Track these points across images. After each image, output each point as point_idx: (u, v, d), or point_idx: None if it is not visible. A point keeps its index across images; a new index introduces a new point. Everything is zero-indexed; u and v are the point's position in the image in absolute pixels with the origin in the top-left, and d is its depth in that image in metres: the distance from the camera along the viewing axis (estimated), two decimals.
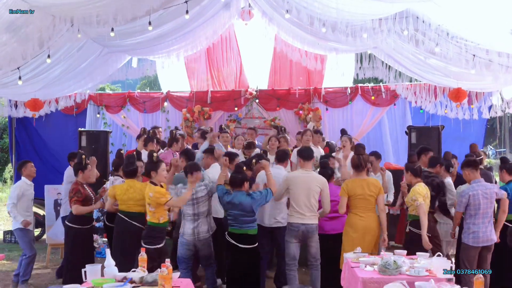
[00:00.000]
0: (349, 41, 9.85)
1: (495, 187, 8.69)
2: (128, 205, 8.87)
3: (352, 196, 8.57)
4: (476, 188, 8.43)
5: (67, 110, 15.70)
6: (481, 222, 8.39)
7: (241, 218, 8.04)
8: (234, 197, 8.06)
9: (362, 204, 8.58)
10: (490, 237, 8.45)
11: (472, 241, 8.43)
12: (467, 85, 11.85)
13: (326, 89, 15.59)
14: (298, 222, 8.44)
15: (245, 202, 8.01)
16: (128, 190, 8.87)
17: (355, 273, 6.69)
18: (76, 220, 9.24)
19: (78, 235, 9.26)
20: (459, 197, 8.64)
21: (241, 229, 8.06)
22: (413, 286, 5.58)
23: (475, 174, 8.57)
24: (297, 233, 8.47)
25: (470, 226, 8.45)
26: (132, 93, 16.39)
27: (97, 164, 13.16)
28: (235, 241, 8.03)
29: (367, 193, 8.57)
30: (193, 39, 12.96)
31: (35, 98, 12.10)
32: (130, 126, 16.03)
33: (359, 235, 8.47)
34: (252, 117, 15.71)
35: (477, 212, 8.38)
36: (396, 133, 15.38)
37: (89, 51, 11.33)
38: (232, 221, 8.12)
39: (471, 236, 8.43)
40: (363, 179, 8.69)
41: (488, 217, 8.46)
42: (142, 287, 5.69)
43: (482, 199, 8.36)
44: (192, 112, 15.49)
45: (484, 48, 9.16)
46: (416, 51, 10.40)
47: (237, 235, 8.06)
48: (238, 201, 8.02)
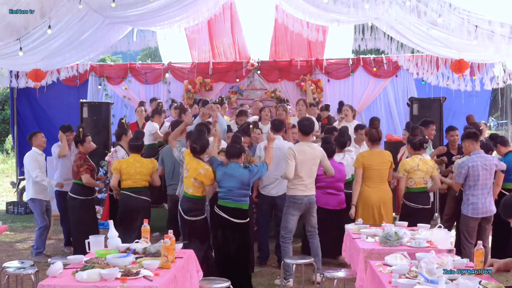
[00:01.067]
0: (350, 12, 9.79)
1: (494, 159, 8.73)
2: (134, 180, 8.93)
3: (367, 167, 8.73)
4: (475, 160, 8.46)
5: (69, 81, 15.69)
6: (480, 194, 8.43)
7: (238, 191, 7.70)
8: (230, 169, 7.75)
9: (377, 176, 8.78)
10: (489, 208, 8.49)
11: (471, 212, 8.48)
12: (469, 56, 11.82)
13: (328, 61, 15.57)
14: (301, 195, 8.34)
15: (242, 174, 7.71)
16: (135, 164, 8.93)
17: (356, 244, 6.74)
18: (81, 191, 9.38)
19: (83, 207, 9.41)
20: (459, 168, 8.66)
21: (236, 202, 7.71)
22: (414, 257, 5.61)
23: (474, 145, 8.58)
24: (300, 206, 8.37)
25: (469, 198, 8.50)
26: (134, 64, 16.39)
27: (99, 135, 13.30)
28: (227, 215, 7.71)
29: (383, 166, 8.79)
30: (195, 10, 12.88)
31: (36, 68, 12.08)
32: (131, 98, 16.01)
33: (375, 209, 8.66)
34: (253, 89, 15.71)
35: (476, 183, 8.41)
36: (398, 104, 15.36)
37: (90, 22, 11.29)
38: (224, 194, 7.73)
39: (470, 208, 8.48)
40: (378, 151, 8.88)
41: (488, 189, 8.51)
42: (145, 257, 5.74)
43: (481, 171, 8.39)
44: (193, 84, 15.47)
45: (486, 19, 9.12)
46: (418, 22, 10.35)
47: (230, 209, 7.70)
48: (234, 173, 7.71)
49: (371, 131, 9.02)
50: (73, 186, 9.52)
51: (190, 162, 7.82)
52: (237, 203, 7.71)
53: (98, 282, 4.95)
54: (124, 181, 8.98)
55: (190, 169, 7.77)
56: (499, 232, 9.04)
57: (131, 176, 8.92)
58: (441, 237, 6.47)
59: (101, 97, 16.04)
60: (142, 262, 5.42)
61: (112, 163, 9.38)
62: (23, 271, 6.93)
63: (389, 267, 5.43)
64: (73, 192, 9.46)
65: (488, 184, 8.52)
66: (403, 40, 12.59)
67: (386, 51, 13.92)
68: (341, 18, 11.77)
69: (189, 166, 7.80)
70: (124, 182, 8.98)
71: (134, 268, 5.23)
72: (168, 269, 5.41)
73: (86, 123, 13.88)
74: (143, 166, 8.95)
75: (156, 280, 5.04)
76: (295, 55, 15.84)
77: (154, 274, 5.15)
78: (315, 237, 8.65)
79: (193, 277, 6.21)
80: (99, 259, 5.53)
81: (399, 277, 5.01)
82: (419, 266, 5.10)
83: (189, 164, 7.82)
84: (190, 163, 7.80)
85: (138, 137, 9.48)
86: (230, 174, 7.71)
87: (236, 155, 7.85)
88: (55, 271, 5.15)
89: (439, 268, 5.01)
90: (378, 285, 5.28)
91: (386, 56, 15.01)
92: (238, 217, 7.72)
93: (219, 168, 7.78)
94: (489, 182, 8.54)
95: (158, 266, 5.39)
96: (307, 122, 8.63)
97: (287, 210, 8.45)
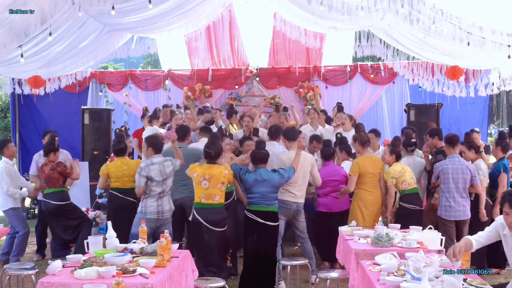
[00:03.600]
0: (345, 20, 9.93)
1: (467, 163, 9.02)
2: (122, 182, 9.10)
3: (363, 173, 8.91)
4: (447, 163, 8.87)
5: (70, 88, 15.75)
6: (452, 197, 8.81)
7: (270, 194, 7.91)
8: (260, 174, 7.90)
9: (371, 180, 8.97)
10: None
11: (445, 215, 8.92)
12: (463, 63, 11.95)
13: (326, 67, 15.70)
14: (291, 201, 8.55)
15: (273, 178, 7.91)
16: (122, 167, 9.09)
17: (348, 246, 6.90)
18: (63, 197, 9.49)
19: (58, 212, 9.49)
20: (434, 168, 9.07)
21: (269, 206, 7.91)
22: (404, 257, 5.75)
23: (450, 150, 8.98)
24: (288, 211, 8.57)
25: (443, 199, 8.93)
26: (134, 71, 16.51)
27: (100, 141, 13.44)
28: (262, 219, 7.87)
29: (376, 170, 9.00)
30: (193, 17, 12.99)
31: (36, 75, 12.19)
32: (132, 104, 16.16)
33: (370, 211, 8.85)
34: (252, 95, 15.83)
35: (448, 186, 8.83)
36: (395, 111, 15.52)
37: (90, 29, 11.40)
38: (257, 199, 7.90)
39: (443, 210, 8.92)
40: (370, 156, 9.14)
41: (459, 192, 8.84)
42: (142, 256, 5.89)
43: (452, 174, 8.79)
44: (193, 90, 15.62)
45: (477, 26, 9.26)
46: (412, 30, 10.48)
47: (264, 212, 7.90)
48: (266, 178, 7.88)
49: (360, 135, 9.21)
50: (56, 195, 9.45)
51: (207, 172, 7.91)
52: (269, 207, 7.94)
53: (96, 279, 5.12)
54: (112, 183, 9.20)
55: (212, 179, 7.86)
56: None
57: (118, 179, 9.11)
58: (431, 238, 6.63)
59: (101, 103, 16.15)
60: (139, 261, 5.58)
61: (101, 168, 9.47)
62: (24, 272, 7.09)
63: (378, 266, 5.58)
64: (59, 199, 9.45)
65: (459, 188, 8.84)
66: (399, 47, 12.73)
67: (382, 58, 14.06)
68: (338, 25, 11.90)
69: (208, 176, 7.87)
70: (113, 183, 9.19)
71: (131, 267, 5.38)
72: (164, 268, 5.58)
73: (87, 129, 14.09)
74: (130, 169, 9.10)
75: (152, 277, 5.20)
76: (294, 62, 15.98)
77: (150, 272, 5.31)
78: (306, 242, 8.86)
79: (189, 276, 6.37)
80: (97, 258, 5.69)
81: (388, 275, 5.16)
82: (406, 264, 5.25)
83: (207, 174, 7.88)
84: (210, 172, 7.90)
85: (120, 140, 9.46)
86: (261, 179, 7.87)
87: (263, 161, 8.02)
88: (55, 269, 5.32)
89: (426, 266, 5.17)
90: (368, 283, 5.43)
91: (383, 63, 15.16)
92: (272, 220, 7.95)
93: (248, 175, 7.94)
94: (460, 186, 8.85)
95: (154, 265, 5.55)
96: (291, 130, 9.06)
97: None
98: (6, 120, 25.12)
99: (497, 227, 5.40)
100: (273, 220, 7.97)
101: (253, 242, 7.98)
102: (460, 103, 14.64)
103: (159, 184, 7.98)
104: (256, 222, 7.88)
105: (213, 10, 13.35)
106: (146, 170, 7.95)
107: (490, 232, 5.47)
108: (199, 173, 7.89)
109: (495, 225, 5.43)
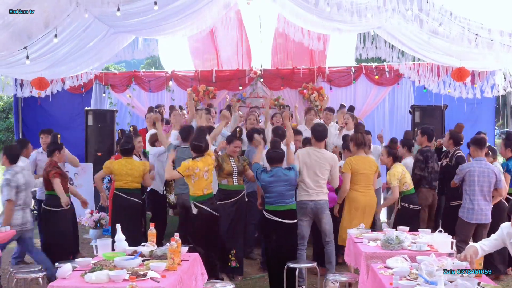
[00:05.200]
0: (354, 21, 9.88)
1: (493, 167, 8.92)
2: (126, 181, 9.05)
3: (355, 172, 8.82)
4: (474, 165, 8.84)
5: (74, 89, 15.71)
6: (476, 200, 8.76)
7: (288, 192, 7.96)
8: (277, 174, 7.93)
9: (363, 181, 8.87)
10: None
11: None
12: (469, 64, 11.90)
13: (330, 69, 15.66)
14: (307, 199, 8.45)
15: (290, 176, 7.95)
16: (126, 166, 9.04)
17: (358, 249, 6.86)
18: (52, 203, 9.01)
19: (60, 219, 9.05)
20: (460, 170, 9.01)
21: (287, 204, 7.95)
22: (415, 260, 5.72)
23: (478, 152, 8.94)
24: (306, 210, 8.46)
25: (466, 202, 8.87)
26: (138, 72, 16.48)
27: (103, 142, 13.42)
28: (281, 218, 7.90)
29: (368, 170, 8.89)
30: (198, 18, 12.97)
31: (41, 76, 12.17)
32: (135, 106, 16.13)
33: (360, 212, 8.74)
34: (256, 96, 15.77)
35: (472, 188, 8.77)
36: (400, 112, 15.48)
37: (95, 30, 11.39)
38: (275, 198, 7.93)
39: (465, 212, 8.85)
40: (364, 156, 8.99)
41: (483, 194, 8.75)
42: (152, 260, 5.85)
43: (478, 177, 8.75)
44: (197, 92, 15.58)
45: (486, 28, 9.23)
46: (419, 32, 10.45)
47: (282, 212, 7.93)
48: (283, 177, 7.91)
49: (356, 135, 9.14)
50: (46, 197, 9.16)
51: (206, 164, 8.09)
52: (287, 205, 7.98)
53: (106, 283, 5.09)
54: (116, 182, 9.15)
55: (210, 169, 8.13)
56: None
57: (122, 178, 9.06)
58: (441, 241, 6.59)
59: (105, 105, 16.10)
60: (149, 264, 5.54)
61: (105, 162, 9.42)
62: (32, 275, 7.05)
63: (390, 270, 5.55)
64: (47, 204, 9.10)
65: (484, 190, 8.76)
66: (404, 49, 12.68)
67: (388, 59, 14.02)
68: (343, 27, 11.87)
69: (207, 168, 8.08)
70: (117, 182, 9.15)
71: (141, 270, 5.35)
72: (175, 271, 5.54)
73: (91, 130, 14.06)
74: (134, 169, 9.06)
75: (163, 281, 5.17)
76: (298, 63, 15.94)
77: (161, 276, 5.28)
78: (329, 245, 8.70)
79: (198, 279, 6.34)
80: (107, 261, 5.66)
81: (400, 279, 5.13)
82: (419, 268, 5.22)
83: (206, 166, 8.09)
84: (207, 163, 8.13)
85: (128, 141, 9.40)
86: (278, 179, 7.91)
87: (279, 160, 8.06)
88: (65, 272, 5.28)
89: (439, 270, 5.13)
90: (379, 287, 5.40)
91: (388, 64, 15.13)
92: (291, 218, 7.99)
93: (264, 175, 7.98)
94: (485, 189, 8.77)
95: (165, 268, 5.52)
96: (320, 128, 8.76)
97: (298, 217, 8.41)
98: (8, 121, 25.14)
99: (503, 235, 5.42)
100: (290, 217, 7.99)
101: (272, 242, 8.02)
102: (467, 105, 14.59)
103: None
104: (274, 221, 7.92)
105: (217, 11, 13.34)
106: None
107: (496, 240, 5.48)
108: (201, 167, 8.01)
109: (500, 234, 5.45)
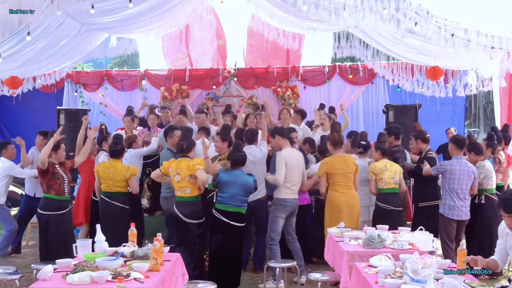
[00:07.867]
0: (331, 19, 9.88)
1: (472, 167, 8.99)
2: (107, 185, 8.90)
3: (332, 173, 8.75)
4: (455, 164, 8.84)
5: (45, 88, 15.53)
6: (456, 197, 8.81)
7: (240, 197, 7.87)
8: (234, 175, 7.88)
9: (342, 180, 8.77)
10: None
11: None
12: (443, 63, 12.00)
13: (304, 68, 15.71)
14: (292, 198, 8.55)
15: (248, 181, 7.91)
16: (109, 169, 8.86)
17: (339, 247, 6.83)
18: (46, 207, 8.62)
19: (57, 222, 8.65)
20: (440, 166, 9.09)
21: (236, 207, 7.86)
22: (398, 258, 5.72)
23: (457, 151, 8.98)
24: (289, 208, 8.57)
25: (447, 199, 8.95)
26: (110, 71, 16.34)
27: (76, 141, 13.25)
28: (228, 219, 7.80)
29: (346, 169, 8.80)
30: (172, 17, 12.88)
31: (13, 75, 11.97)
32: (108, 105, 15.98)
33: (343, 213, 8.65)
34: (230, 95, 15.76)
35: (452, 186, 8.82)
36: (374, 111, 15.55)
37: (68, 28, 11.24)
38: (226, 199, 7.85)
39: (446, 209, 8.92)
40: (341, 156, 8.92)
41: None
42: (134, 260, 5.77)
43: (459, 175, 8.78)
44: (170, 91, 15.48)
45: (462, 28, 9.30)
46: (394, 30, 10.49)
47: (230, 213, 7.83)
48: (240, 180, 7.87)
49: (333, 135, 9.09)
50: (41, 201, 8.77)
51: (178, 166, 7.99)
52: (236, 208, 7.89)
53: (89, 284, 4.99)
54: (101, 184, 9.00)
55: (182, 172, 7.91)
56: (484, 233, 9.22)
57: (104, 181, 8.90)
58: (423, 239, 6.60)
59: (77, 104, 15.94)
60: (132, 265, 5.46)
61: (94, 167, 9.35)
62: (8, 276, 6.90)
63: (374, 268, 5.54)
64: (41, 208, 8.72)
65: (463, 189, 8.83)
66: (379, 47, 12.73)
67: (362, 58, 14.06)
68: (318, 26, 11.88)
69: (180, 170, 7.93)
70: (101, 185, 9.00)
71: (124, 271, 5.27)
72: (158, 272, 5.47)
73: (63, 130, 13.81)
74: (115, 172, 8.82)
75: (147, 282, 5.10)
76: (272, 62, 15.93)
77: (144, 276, 5.20)
78: (296, 241, 8.81)
79: (179, 280, 6.26)
80: (88, 262, 5.55)
81: (385, 277, 5.12)
82: (404, 266, 5.22)
83: (178, 168, 7.96)
84: (180, 166, 7.97)
85: (117, 142, 9.33)
86: (234, 181, 7.86)
87: (242, 163, 8.02)
88: (46, 274, 5.18)
89: (423, 268, 5.14)
90: (365, 286, 5.38)
91: (362, 63, 15.19)
92: (238, 221, 7.90)
93: (222, 174, 7.93)
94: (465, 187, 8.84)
95: (148, 269, 5.44)
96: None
97: (276, 213, 8.55)
98: None
99: (502, 233, 5.45)
100: (239, 221, 7.92)
101: (218, 242, 7.93)
102: (439, 104, 14.70)
103: None
104: (222, 222, 7.85)
105: (191, 10, 13.25)
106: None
107: (500, 244, 5.54)
108: (173, 167, 8.01)
109: (500, 235, 5.52)
